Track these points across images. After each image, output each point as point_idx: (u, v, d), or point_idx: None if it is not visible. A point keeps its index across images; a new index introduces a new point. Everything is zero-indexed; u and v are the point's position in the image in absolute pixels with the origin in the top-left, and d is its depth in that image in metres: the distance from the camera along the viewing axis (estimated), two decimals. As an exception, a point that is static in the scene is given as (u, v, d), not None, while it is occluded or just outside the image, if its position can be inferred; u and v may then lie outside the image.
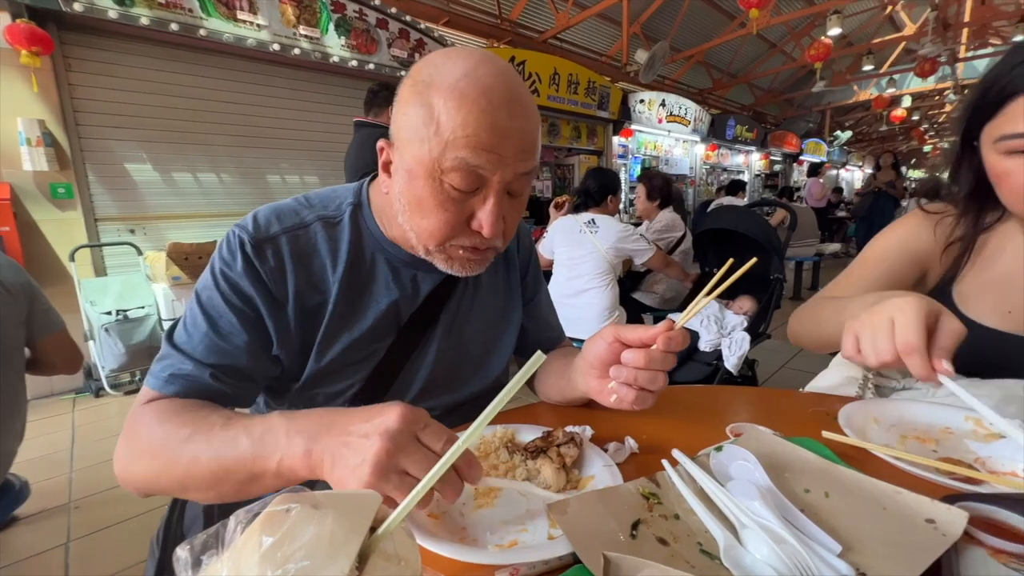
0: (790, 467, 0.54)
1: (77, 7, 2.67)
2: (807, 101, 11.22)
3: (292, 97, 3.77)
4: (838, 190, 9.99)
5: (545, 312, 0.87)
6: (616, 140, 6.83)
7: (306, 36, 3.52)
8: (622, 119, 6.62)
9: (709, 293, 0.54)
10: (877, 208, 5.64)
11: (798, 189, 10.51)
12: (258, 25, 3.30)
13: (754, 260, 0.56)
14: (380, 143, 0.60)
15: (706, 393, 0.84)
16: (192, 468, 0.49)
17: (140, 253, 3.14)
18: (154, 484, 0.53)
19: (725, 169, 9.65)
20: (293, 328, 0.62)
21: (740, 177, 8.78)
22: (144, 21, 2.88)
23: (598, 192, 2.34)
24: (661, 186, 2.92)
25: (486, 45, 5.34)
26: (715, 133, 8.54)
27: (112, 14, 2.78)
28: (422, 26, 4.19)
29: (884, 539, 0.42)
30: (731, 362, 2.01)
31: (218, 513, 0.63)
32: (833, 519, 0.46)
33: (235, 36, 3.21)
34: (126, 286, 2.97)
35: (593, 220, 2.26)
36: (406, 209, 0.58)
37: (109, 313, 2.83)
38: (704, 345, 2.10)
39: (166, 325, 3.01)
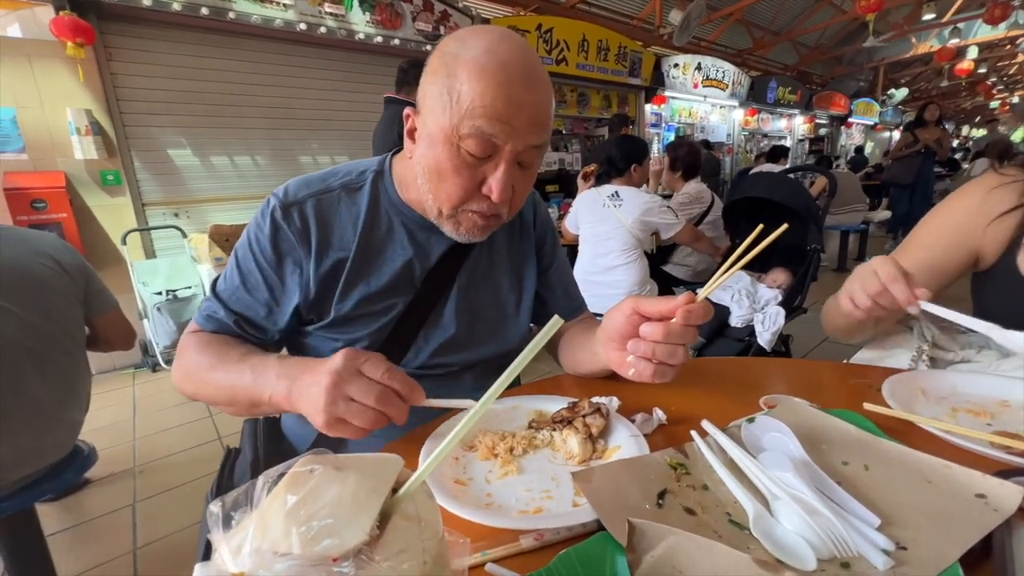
0: (827, 439, 0.52)
1: (114, -4, 2.74)
2: (858, 58, 10.40)
3: (320, 76, 3.79)
4: (858, 149, 9.31)
5: (563, 282, 0.87)
6: (648, 108, 6.57)
7: (331, 14, 3.51)
8: (655, 85, 6.35)
9: (735, 262, 0.51)
10: (924, 173, 5.02)
11: (838, 157, 9.88)
12: (284, 5, 3.31)
13: (784, 227, 0.52)
14: (407, 111, 0.65)
15: (738, 365, 0.81)
16: (214, 391, 0.63)
17: (185, 236, 3.28)
18: (195, 396, 0.67)
19: (765, 135, 9.16)
20: (313, 281, 0.68)
21: (782, 143, 8.31)
22: (176, 7, 2.94)
23: (621, 160, 2.23)
24: (684, 155, 2.79)
25: (512, 13, 5.18)
26: (755, 97, 8.08)
27: (146, 1, 2.84)
28: (446, -3, 4.10)
29: (928, 513, 0.40)
30: (764, 338, 1.92)
31: (263, 466, 0.68)
32: (872, 492, 0.44)
33: (262, 17, 3.24)
34: (174, 267, 3.12)
35: (617, 193, 2.15)
36: (425, 172, 0.63)
37: (160, 293, 2.99)
38: (736, 321, 2.01)
39: (212, 304, 3.16)
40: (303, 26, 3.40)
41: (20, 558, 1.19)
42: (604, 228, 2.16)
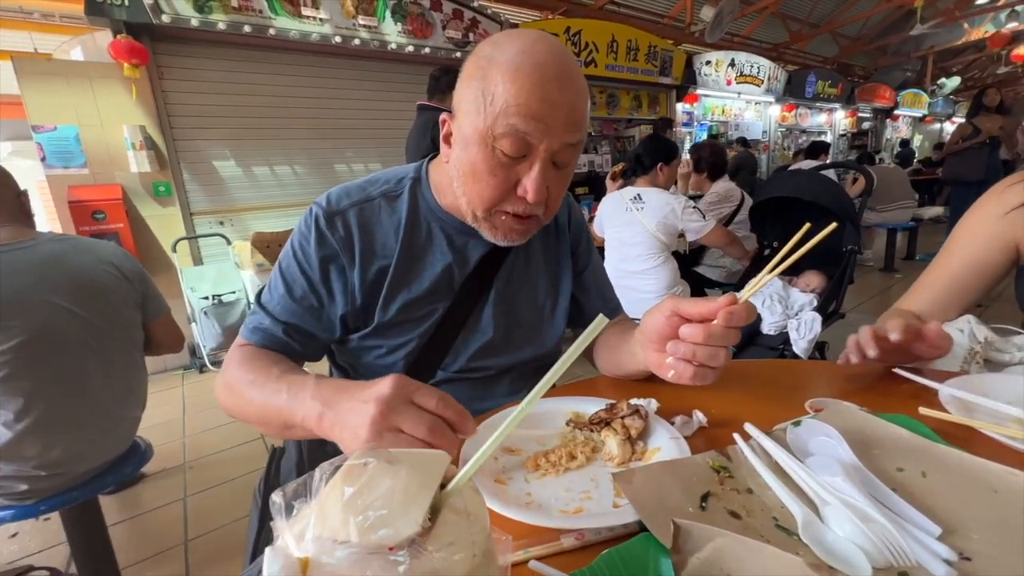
0: (880, 444, 0.50)
1: (165, 19, 2.91)
2: (904, 47, 9.89)
3: (354, 87, 3.91)
4: (903, 143, 8.75)
5: (598, 284, 0.87)
6: (680, 107, 6.45)
7: (364, 25, 3.61)
8: (686, 84, 6.23)
9: (780, 263, 0.50)
10: (992, 166, 4.44)
11: (879, 151, 9.40)
12: (320, 19, 3.43)
13: (833, 226, 0.51)
14: (443, 116, 0.67)
15: (781, 367, 0.79)
16: (249, 408, 0.61)
17: (229, 243, 3.44)
18: (232, 413, 0.65)
19: (804, 131, 8.84)
20: (358, 288, 0.69)
21: (822, 138, 8.00)
22: (221, 26, 3.09)
23: (647, 158, 2.17)
24: (708, 156, 2.72)
25: (540, 17, 5.20)
26: (792, 91, 7.81)
27: (194, 22, 3.00)
28: (475, 3, 4.15)
29: (994, 523, 0.38)
30: (800, 346, 1.82)
31: (308, 466, 0.70)
32: (931, 500, 0.42)
33: (300, 32, 3.37)
34: (219, 273, 3.28)
35: (639, 195, 2.09)
36: (461, 175, 0.64)
37: (207, 298, 3.14)
38: (768, 328, 1.91)
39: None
40: (338, 39, 3.51)
41: (86, 546, 1.27)
42: (628, 233, 2.10)
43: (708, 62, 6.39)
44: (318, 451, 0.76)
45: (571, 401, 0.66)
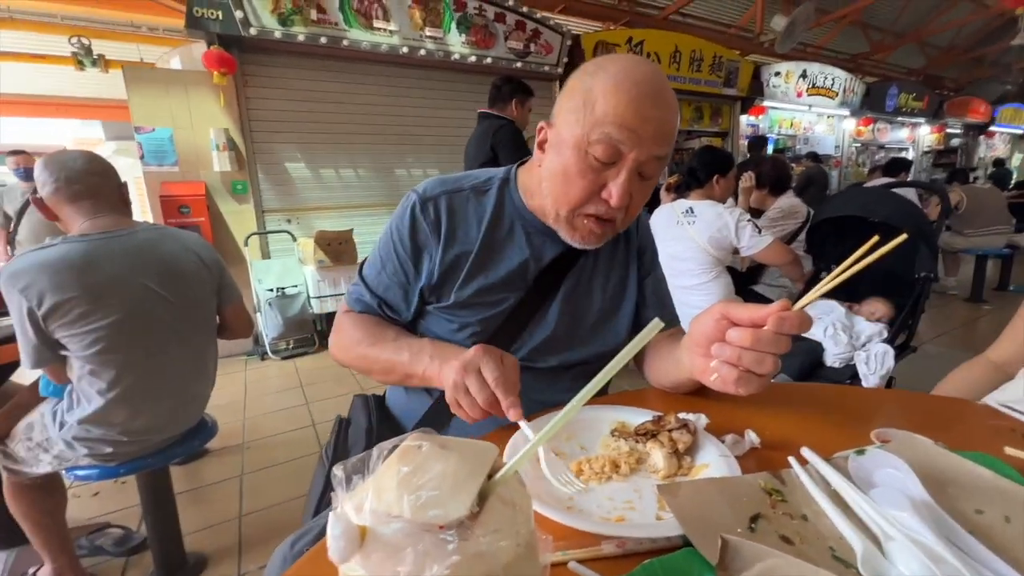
0: (957, 483, 0.46)
1: (253, 31, 3.16)
2: (1004, 57, 9.02)
3: (417, 95, 4.06)
4: (998, 162, 7.71)
5: (658, 292, 0.87)
6: (744, 119, 6.22)
7: (431, 37, 3.76)
8: (752, 95, 6.00)
9: (842, 274, 0.47)
10: None
11: (974, 169, 8.56)
12: (390, 31, 3.60)
13: (903, 237, 0.47)
14: (540, 124, 0.73)
15: (845, 393, 0.74)
16: (373, 363, 0.75)
17: (294, 240, 3.66)
18: (348, 365, 0.79)
19: (882, 146, 8.26)
20: (438, 266, 0.76)
21: (903, 155, 7.43)
22: (301, 38, 3.32)
23: (702, 171, 2.06)
24: (769, 170, 2.56)
25: (602, 28, 5.19)
26: (871, 104, 7.33)
27: (277, 34, 3.25)
28: (538, 15, 4.21)
29: (1090, 580, 0.34)
30: (871, 382, 1.65)
31: (376, 433, 0.78)
32: (1016, 548, 0.38)
33: (371, 43, 3.55)
34: (284, 267, 3.49)
35: (691, 209, 1.99)
36: (551, 177, 0.70)
37: (271, 290, 3.36)
38: (832, 360, 1.74)
39: (314, 302, 3.49)
40: (405, 49, 3.67)
41: (155, 509, 1.39)
42: (678, 247, 2.00)
43: (777, 73, 6.13)
44: (384, 420, 0.83)
45: (617, 411, 0.65)
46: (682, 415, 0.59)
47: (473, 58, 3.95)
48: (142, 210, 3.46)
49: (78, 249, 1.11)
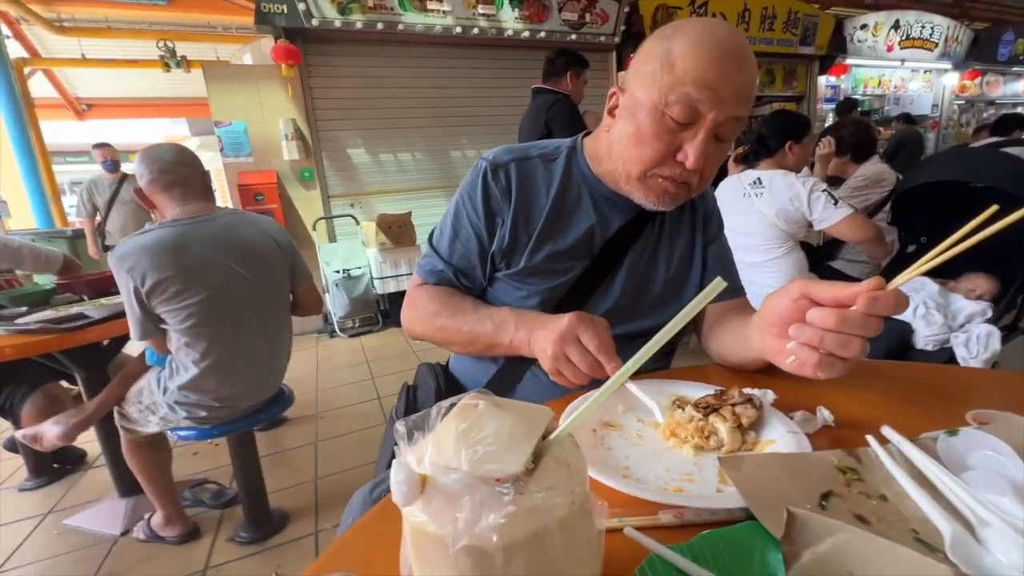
0: (1070, 469, 0.41)
1: (315, 22, 3.29)
2: None
3: (471, 75, 4.07)
4: None
5: (723, 260, 0.84)
6: (822, 81, 5.67)
7: (484, 14, 3.73)
8: (832, 53, 5.44)
9: (956, 245, 0.42)
10: None
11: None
12: (443, 12, 3.61)
13: (1023, 211, 0.41)
14: (611, 90, 0.73)
15: (934, 372, 0.68)
16: (455, 335, 0.75)
17: (357, 223, 3.83)
18: (424, 338, 0.80)
19: (991, 102, 7.24)
20: (508, 232, 0.77)
21: (1018, 110, 6.47)
22: (359, 25, 3.41)
23: (773, 138, 1.87)
24: (850, 135, 2.29)
25: (662, -9, 4.89)
26: (979, 55, 6.42)
27: (337, 23, 3.36)
28: (593, -17, 4.05)
29: None
30: (973, 366, 1.46)
31: (444, 397, 0.78)
32: None
33: (425, 25, 3.58)
34: (349, 250, 3.67)
35: (759, 179, 1.82)
36: (623, 140, 0.69)
37: (338, 272, 3.55)
38: (924, 342, 1.57)
39: (377, 283, 3.66)
40: (458, 29, 3.67)
41: (243, 468, 1.54)
42: (744, 220, 1.85)
43: (864, 26, 5.51)
44: (451, 386, 0.86)
45: (677, 385, 0.63)
46: (747, 390, 0.56)
47: (527, 33, 3.88)
48: (223, 199, 3.76)
49: (171, 233, 1.23)
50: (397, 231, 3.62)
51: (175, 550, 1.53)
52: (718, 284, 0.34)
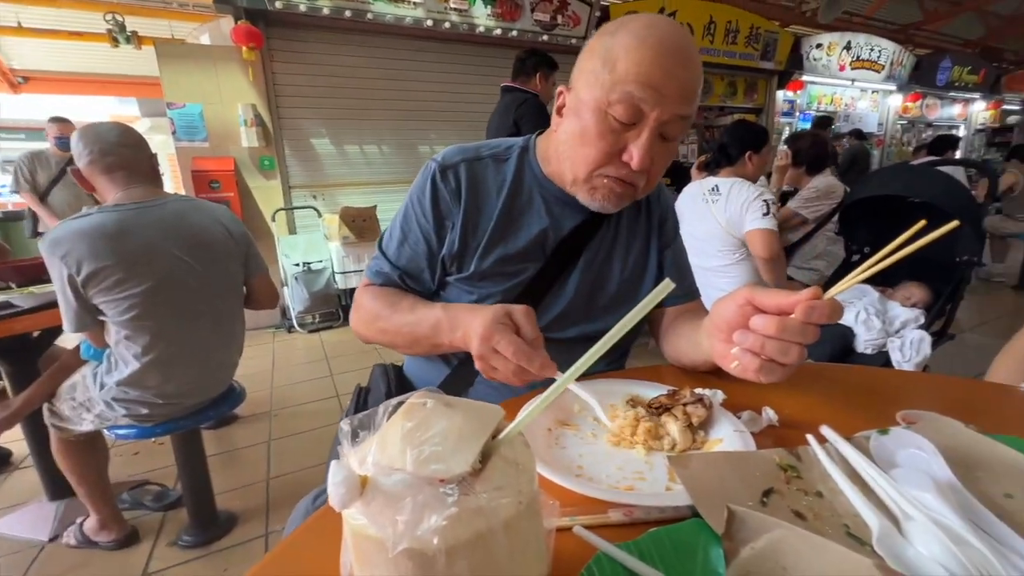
0: (984, 466, 0.44)
1: (279, 4, 3.16)
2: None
3: (441, 70, 4.02)
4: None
5: (678, 264, 0.85)
6: (780, 95, 5.94)
7: (455, 9, 3.68)
8: (790, 69, 5.71)
9: (882, 260, 0.43)
10: None
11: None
12: (414, 3, 3.55)
13: (955, 224, 0.43)
14: (559, 88, 0.72)
15: (870, 374, 0.72)
16: (396, 337, 0.73)
17: (320, 215, 3.72)
18: (373, 340, 0.77)
19: (929, 124, 7.78)
20: (459, 235, 0.75)
21: (953, 132, 6.97)
22: (325, 11, 3.30)
23: (733, 147, 1.93)
24: (808, 147, 2.41)
25: (633, -2, 4.99)
26: (920, 79, 6.89)
27: (302, 7, 3.24)
28: (566, -15, 4.08)
29: None
30: (905, 369, 1.58)
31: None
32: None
33: (395, 16, 3.51)
34: (309, 243, 3.56)
35: (717, 187, 1.89)
36: (569, 140, 0.68)
37: (297, 265, 3.44)
38: (864, 346, 1.67)
39: (339, 277, 3.56)
40: (429, 22, 3.62)
41: (189, 469, 1.47)
42: (702, 226, 1.91)
43: (819, 45, 5.81)
44: (402, 391, 0.82)
45: (632, 384, 0.64)
46: (698, 390, 0.58)
47: (498, 31, 3.87)
48: (175, 185, 3.57)
49: (112, 218, 1.15)
50: (361, 225, 3.53)
51: (110, 556, 1.44)
52: (667, 285, 0.34)
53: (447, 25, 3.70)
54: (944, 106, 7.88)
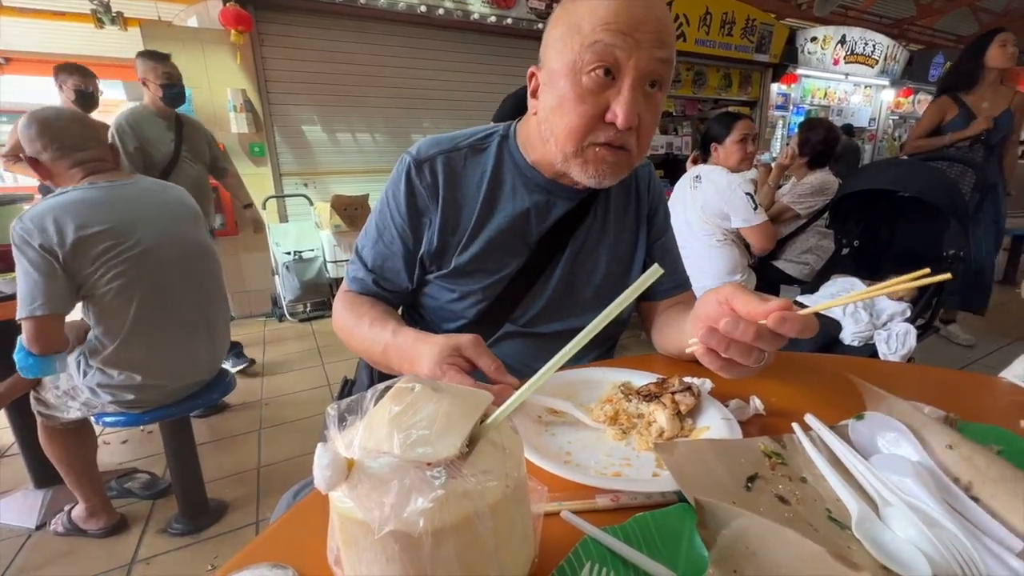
0: (927, 428, 0.45)
1: (268, -13, 3.10)
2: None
3: (435, 57, 3.96)
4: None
5: (670, 256, 0.84)
6: (775, 88, 5.93)
7: (450, -5, 3.63)
8: (785, 62, 5.70)
9: (877, 291, 0.43)
10: None
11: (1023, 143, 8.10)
12: (408, -12, 3.49)
13: (948, 276, 0.41)
14: (530, 69, 0.69)
15: (856, 365, 0.73)
16: (358, 348, 0.72)
17: (311, 204, 3.68)
18: (350, 349, 0.75)
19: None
20: (438, 232, 0.72)
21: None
22: (317, -6, 3.24)
23: (706, 139, 2.06)
24: (817, 141, 2.39)
25: (629, -12, 4.94)
26: (913, 74, 6.90)
27: (293, -10, 3.17)
28: (562, -27, 4.03)
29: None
30: (891, 360, 1.60)
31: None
32: (1014, 516, 0.37)
33: (388, 1, 3.45)
34: (301, 231, 3.52)
35: (699, 176, 2.00)
36: (550, 115, 0.65)
37: (289, 253, 3.40)
38: (850, 338, 1.69)
39: (330, 266, 3.53)
40: (423, 8, 3.56)
41: (178, 457, 1.46)
42: (685, 214, 2.03)
43: (814, 38, 5.79)
44: (387, 379, 0.82)
45: (621, 372, 0.65)
46: (687, 379, 0.58)
47: (493, 18, 3.82)
48: (163, 171, 3.49)
49: (92, 192, 1.16)
50: (353, 213, 3.50)
51: (98, 543, 1.44)
52: (655, 271, 0.34)
53: (441, 11, 3.64)
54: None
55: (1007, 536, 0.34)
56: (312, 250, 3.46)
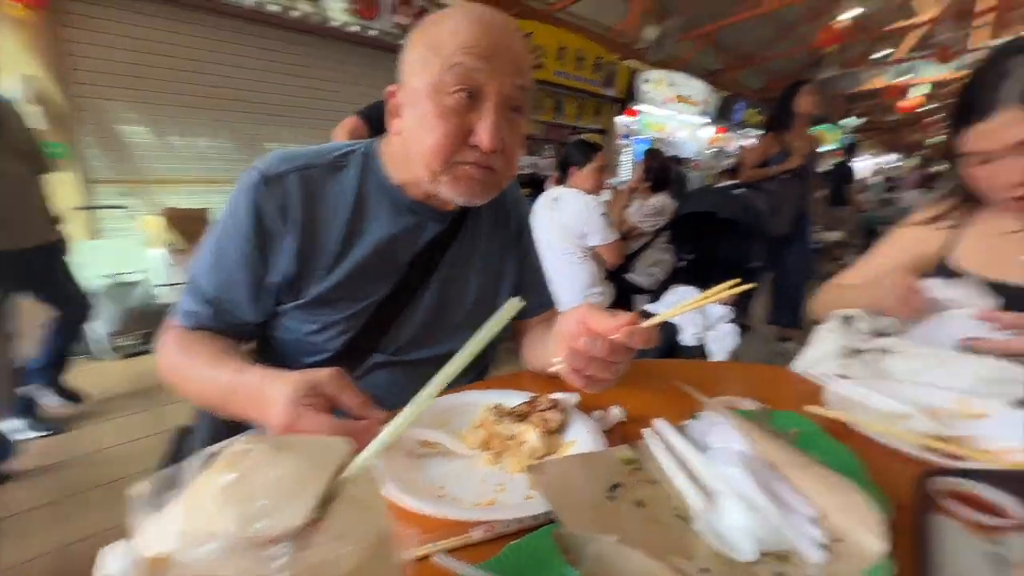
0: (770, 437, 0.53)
1: (69, -42, 2.58)
2: (823, 87, 10.96)
3: (293, 63, 3.69)
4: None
5: (534, 273, 0.87)
6: (620, 120, 6.71)
7: (306, -2, 3.42)
8: (628, 98, 6.50)
9: (702, 301, 0.54)
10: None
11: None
12: (257, -15, 3.20)
13: (754, 285, 0.54)
14: (389, 89, 0.66)
15: (697, 368, 0.84)
16: (193, 393, 0.62)
17: (132, 218, 3.10)
18: (177, 392, 0.64)
19: (728, 154, 9.54)
20: (294, 258, 0.65)
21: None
22: (139, -24, 2.79)
23: (565, 163, 2.26)
24: (657, 168, 2.85)
25: (492, 15, 5.19)
26: (723, 115, 8.39)
27: (105, -33, 2.69)
28: (427, -6, 4.07)
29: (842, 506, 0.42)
30: (720, 358, 1.92)
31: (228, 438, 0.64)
32: (810, 488, 0.46)
33: (233, -5, 3.12)
34: (120, 250, 2.95)
35: (557, 197, 2.16)
36: (414, 135, 0.63)
37: (105, 277, 2.81)
38: (687, 339, 1.98)
39: (163, 290, 3.01)
40: (275, 7, 3.29)
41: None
42: (547, 237, 2.13)
43: (648, 80, 6.70)
44: (237, 431, 0.70)
45: (493, 394, 0.65)
46: (554, 395, 0.61)
47: (355, 28, 3.69)
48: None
49: None
50: (191, 228, 3.04)
51: None
52: (514, 305, 0.35)
53: (296, 13, 3.40)
54: (739, 140, 9.72)
55: (808, 509, 0.41)
56: (135, 272, 2.92)
